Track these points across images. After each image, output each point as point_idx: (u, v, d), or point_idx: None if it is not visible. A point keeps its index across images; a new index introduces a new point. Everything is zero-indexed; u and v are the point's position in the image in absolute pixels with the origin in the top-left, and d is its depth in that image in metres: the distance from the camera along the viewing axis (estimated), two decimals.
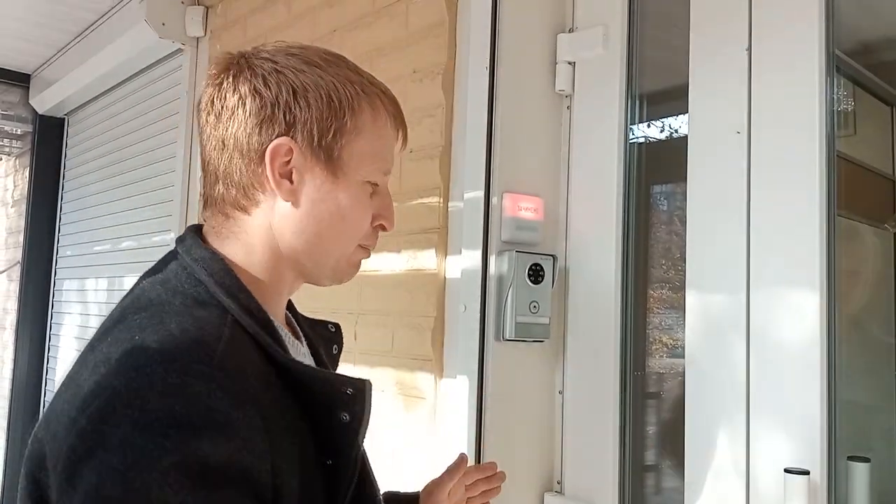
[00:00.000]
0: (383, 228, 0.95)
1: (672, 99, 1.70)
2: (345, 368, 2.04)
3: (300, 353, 0.94)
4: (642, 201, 1.75)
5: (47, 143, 4.35)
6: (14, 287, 4.41)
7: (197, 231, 0.91)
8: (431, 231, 1.79)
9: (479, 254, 1.68)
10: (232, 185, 0.88)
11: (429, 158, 1.82)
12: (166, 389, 0.69)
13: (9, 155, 4.89)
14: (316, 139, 0.86)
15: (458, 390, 1.68)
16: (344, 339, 1.11)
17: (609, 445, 1.66)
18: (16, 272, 4.40)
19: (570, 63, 1.81)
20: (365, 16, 2.09)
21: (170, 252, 0.91)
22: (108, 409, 0.69)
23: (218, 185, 0.89)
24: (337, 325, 1.11)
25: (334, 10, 2.22)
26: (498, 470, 1.29)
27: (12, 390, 4.22)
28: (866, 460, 1.38)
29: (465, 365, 1.68)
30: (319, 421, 0.81)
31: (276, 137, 0.85)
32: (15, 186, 4.73)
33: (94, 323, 3.71)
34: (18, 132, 4.62)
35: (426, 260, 1.80)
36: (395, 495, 1.23)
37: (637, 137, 1.76)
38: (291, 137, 0.85)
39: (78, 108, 4.19)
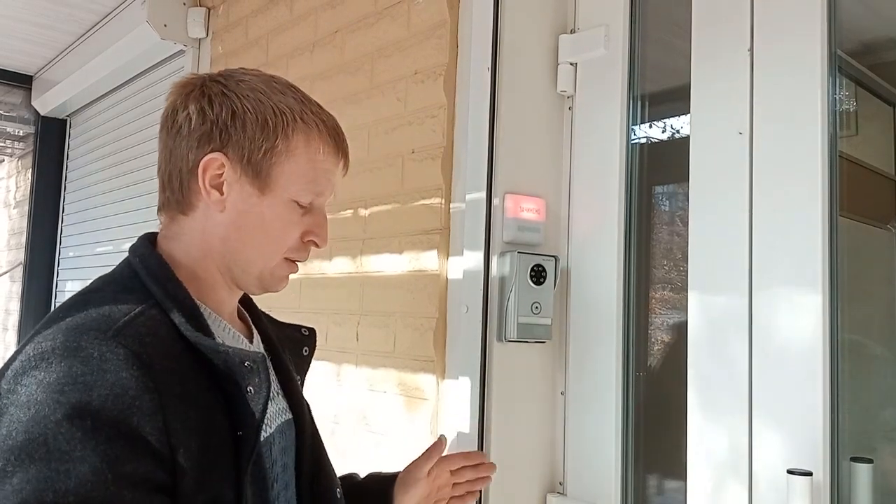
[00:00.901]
0: (315, 245, 1.04)
1: (674, 99, 1.70)
2: (347, 369, 2.04)
3: (240, 344, 1.02)
4: (644, 202, 1.75)
5: (49, 144, 4.35)
6: (16, 288, 4.41)
7: (149, 237, 1.02)
8: (433, 232, 1.79)
9: (480, 255, 1.68)
10: (175, 192, 0.99)
11: (430, 159, 1.82)
12: (65, 353, 0.80)
13: (11, 156, 4.90)
14: (246, 157, 0.97)
15: (459, 391, 1.68)
16: (317, 343, 1.20)
17: (611, 446, 1.66)
18: (18, 273, 4.40)
19: (571, 64, 1.81)
20: (367, 16, 2.09)
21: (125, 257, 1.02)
22: (20, 370, 0.80)
23: (166, 191, 1.01)
24: (311, 329, 1.20)
25: (336, 11, 2.22)
26: (487, 461, 1.35)
27: None
28: (869, 461, 1.38)
29: (466, 366, 1.68)
30: (232, 395, 0.89)
31: (210, 152, 0.96)
32: (17, 188, 4.73)
33: None
34: (21, 133, 4.63)
35: (428, 261, 1.80)
36: (374, 475, 1.29)
37: (639, 138, 1.76)
38: (224, 153, 0.96)
39: (80, 110, 4.19)
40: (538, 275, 1.68)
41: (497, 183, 1.70)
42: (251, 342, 1.07)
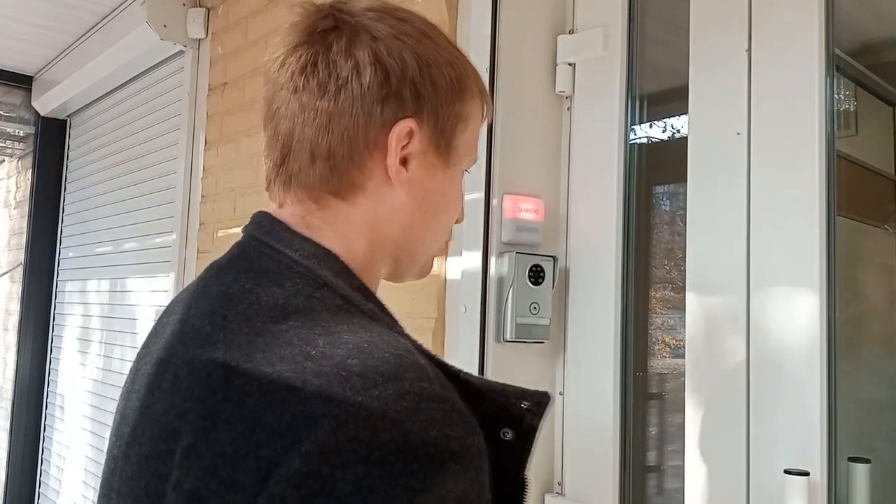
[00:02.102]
0: (458, 220, 0.85)
1: (672, 100, 1.70)
2: None
3: None
4: (643, 202, 1.75)
5: (50, 144, 4.35)
6: (16, 288, 4.42)
7: (276, 219, 0.75)
8: None
9: (479, 255, 1.68)
10: (334, 169, 0.73)
11: None
12: (401, 415, 0.56)
13: (11, 157, 4.90)
14: (436, 122, 0.75)
15: None
16: None
17: (609, 446, 1.66)
18: (18, 274, 4.41)
19: (570, 64, 1.81)
20: None
21: (250, 246, 0.75)
22: (328, 444, 0.54)
23: (314, 166, 0.74)
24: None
25: None
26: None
27: (15, 392, 4.23)
28: (867, 461, 1.38)
29: (465, 366, 1.66)
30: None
31: (401, 118, 0.73)
32: (17, 188, 4.74)
33: (97, 325, 3.72)
34: (21, 134, 4.63)
35: None
36: None
37: (637, 138, 1.76)
38: (415, 119, 0.74)
39: (80, 110, 4.19)
40: (536, 275, 1.68)
41: (495, 183, 1.70)
42: None
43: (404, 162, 0.75)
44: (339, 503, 0.53)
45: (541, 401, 0.71)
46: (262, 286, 0.68)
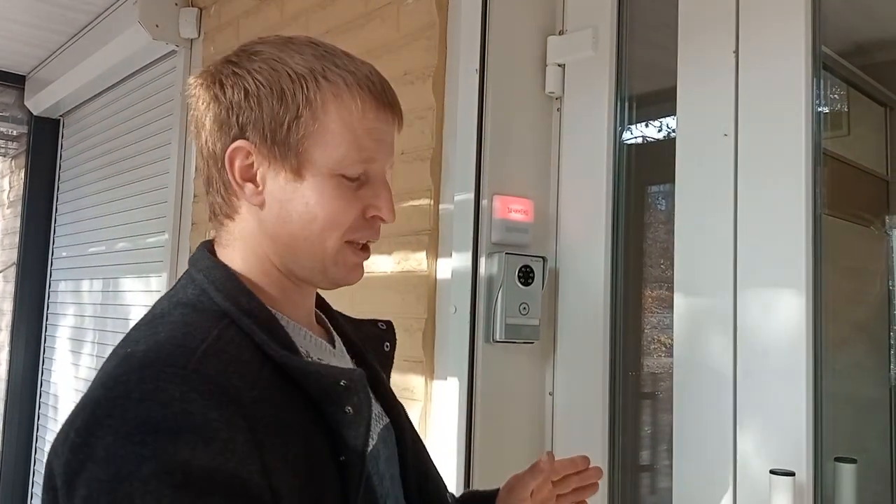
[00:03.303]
0: (381, 220, 0.89)
1: (661, 100, 1.71)
2: None
3: (324, 351, 0.91)
4: (632, 202, 1.75)
5: (43, 144, 4.34)
6: (10, 288, 4.41)
7: (207, 246, 0.91)
8: (422, 233, 1.80)
9: (469, 255, 1.68)
10: (215, 193, 0.88)
11: (419, 160, 1.82)
12: (142, 396, 0.69)
13: (4, 156, 4.89)
14: (270, 136, 0.83)
15: (448, 392, 1.68)
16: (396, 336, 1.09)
17: (599, 446, 1.67)
18: (11, 273, 4.40)
19: (559, 65, 1.82)
20: (357, 18, 2.09)
21: (185, 270, 0.90)
22: (92, 420, 0.69)
23: (209, 196, 0.90)
24: (388, 322, 1.08)
25: (327, 12, 2.22)
26: (593, 466, 1.11)
27: (7, 391, 4.22)
28: (853, 461, 1.39)
29: (455, 366, 1.68)
30: (330, 416, 0.79)
31: (232, 141, 0.84)
32: (10, 188, 4.73)
33: (90, 324, 3.72)
34: (14, 133, 4.62)
35: (417, 262, 1.81)
36: (473, 493, 1.18)
37: (626, 139, 1.77)
38: (246, 139, 0.84)
39: (73, 110, 4.19)
40: (526, 275, 1.69)
41: (485, 184, 1.70)
42: (333, 346, 0.95)
43: (253, 178, 0.85)
44: (97, 466, 0.66)
45: (354, 377, 0.80)
46: (161, 301, 0.86)
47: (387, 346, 1.06)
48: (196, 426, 0.68)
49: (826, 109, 1.57)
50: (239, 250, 0.88)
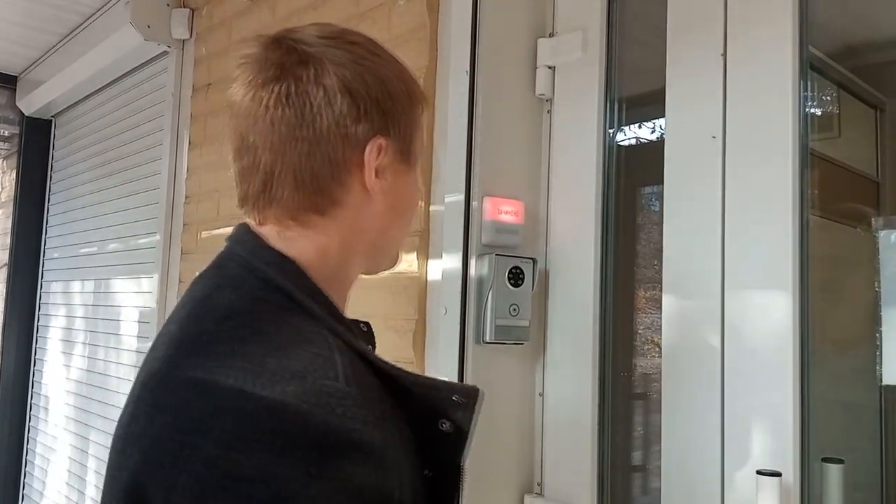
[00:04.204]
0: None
1: (651, 102, 1.72)
2: None
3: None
4: (621, 204, 1.76)
5: (34, 144, 4.33)
6: (1, 289, 4.40)
7: (251, 231, 0.83)
8: (413, 234, 1.80)
9: (459, 257, 1.69)
10: (311, 189, 0.80)
11: None
12: (302, 408, 0.63)
13: None
14: (401, 133, 0.83)
15: None
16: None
17: (588, 447, 1.67)
18: (3, 274, 4.39)
19: (550, 67, 1.82)
20: (348, 19, 2.10)
21: (225, 255, 0.83)
22: (238, 432, 0.62)
23: (298, 191, 0.80)
24: (368, 324, 1.05)
25: (318, 14, 2.23)
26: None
27: None
28: (840, 462, 1.40)
29: (445, 367, 1.68)
30: (420, 429, 0.75)
31: (373, 135, 0.80)
32: (2, 188, 4.71)
33: (80, 325, 3.71)
34: (6, 134, 4.61)
35: (408, 263, 1.81)
36: None
37: (616, 141, 1.78)
38: (385, 135, 0.81)
39: (65, 110, 4.18)
40: (516, 277, 1.69)
41: (476, 186, 1.71)
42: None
43: (378, 173, 0.82)
44: (245, 484, 0.59)
45: (470, 393, 0.78)
46: (220, 290, 0.77)
47: (371, 348, 1.04)
48: (356, 442, 0.64)
49: (818, 112, 1.58)
50: (317, 245, 0.81)
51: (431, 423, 0.75)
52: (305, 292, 0.77)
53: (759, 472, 1.30)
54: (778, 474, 1.29)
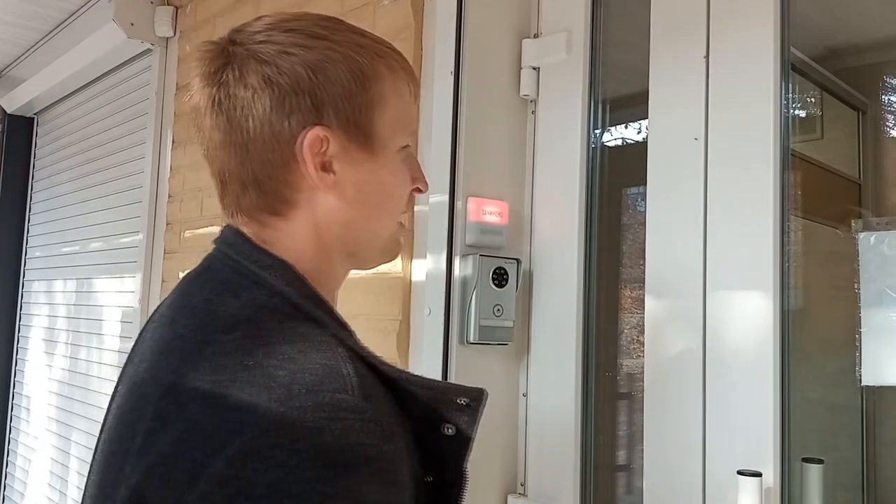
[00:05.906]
0: (419, 191, 0.87)
1: (635, 104, 1.72)
2: None
3: None
4: (605, 205, 1.76)
5: (16, 142, 4.30)
6: None
7: (241, 234, 0.80)
8: None
9: (443, 257, 1.69)
10: (264, 192, 0.78)
11: None
12: (318, 424, 0.61)
13: None
14: (349, 119, 0.76)
15: None
16: None
17: (571, 447, 1.68)
18: None
19: (534, 68, 1.83)
20: None
21: (214, 257, 0.81)
22: (252, 449, 0.60)
23: (247, 194, 0.78)
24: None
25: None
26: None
27: None
28: (820, 462, 1.41)
29: (429, 368, 1.68)
30: (423, 433, 0.73)
31: (306, 127, 0.75)
32: None
33: (62, 325, 3.68)
34: None
35: (392, 263, 1.81)
36: None
37: (600, 142, 1.78)
38: (323, 124, 0.75)
39: (47, 108, 4.14)
40: (500, 277, 1.69)
41: (460, 186, 1.71)
42: None
43: (330, 166, 0.77)
44: (255, 502, 0.58)
45: (476, 396, 0.75)
46: (220, 297, 0.74)
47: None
48: (369, 458, 0.62)
49: (802, 113, 1.59)
50: (291, 248, 0.78)
51: (435, 427, 0.74)
52: (307, 298, 0.74)
53: (739, 473, 1.31)
54: (758, 474, 1.29)
